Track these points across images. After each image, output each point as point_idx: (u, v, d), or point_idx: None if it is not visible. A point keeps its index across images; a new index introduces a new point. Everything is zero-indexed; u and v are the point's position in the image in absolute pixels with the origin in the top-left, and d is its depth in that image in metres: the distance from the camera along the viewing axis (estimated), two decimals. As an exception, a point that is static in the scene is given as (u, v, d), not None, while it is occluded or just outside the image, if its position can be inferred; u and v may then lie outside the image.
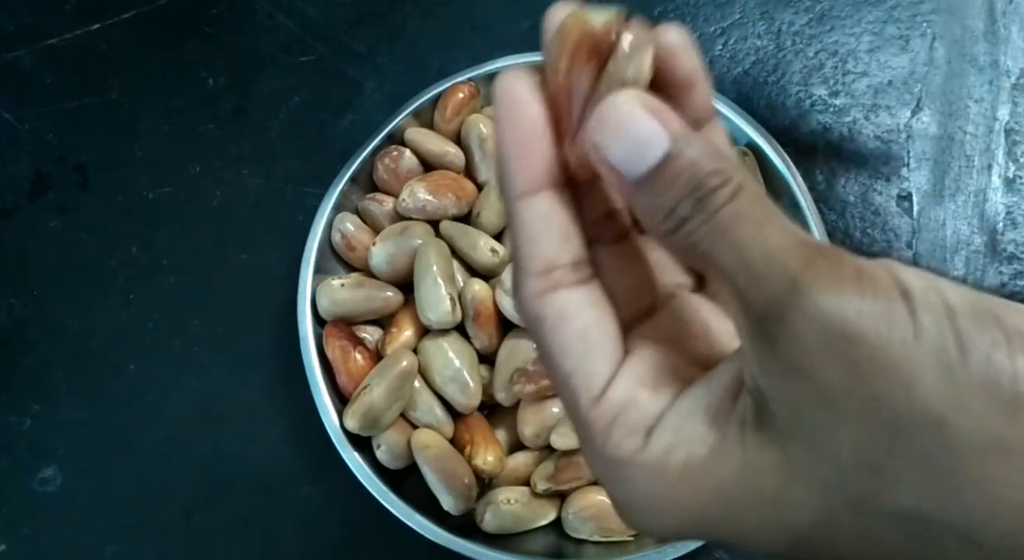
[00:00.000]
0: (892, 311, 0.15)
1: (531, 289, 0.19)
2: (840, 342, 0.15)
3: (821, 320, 0.15)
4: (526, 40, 0.51)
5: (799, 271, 0.15)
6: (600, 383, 0.18)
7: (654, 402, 0.18)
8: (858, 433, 0.15)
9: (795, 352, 0.15)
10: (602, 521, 0.37)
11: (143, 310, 0.46)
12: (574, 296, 0.19)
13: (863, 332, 0.15)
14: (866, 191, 0.47)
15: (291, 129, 0.49)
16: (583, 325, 0.19)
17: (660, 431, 0.17)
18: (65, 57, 0.51)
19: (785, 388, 0.16)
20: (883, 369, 0.15)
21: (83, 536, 0.42)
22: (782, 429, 0.16)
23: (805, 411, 0.16)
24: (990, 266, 0.46)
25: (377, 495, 0.37)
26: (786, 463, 0.16)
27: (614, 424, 0.18)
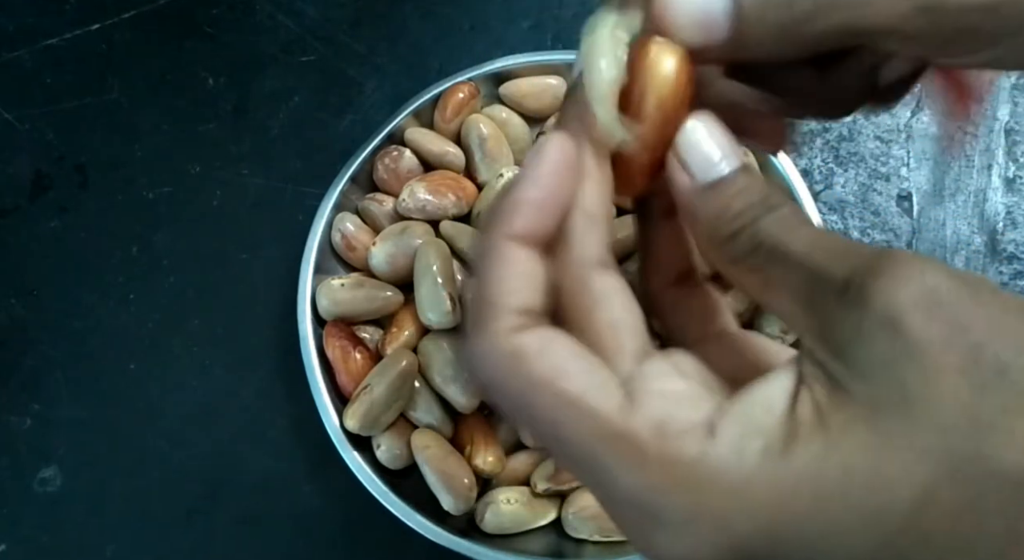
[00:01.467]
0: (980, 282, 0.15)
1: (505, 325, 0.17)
2: (940, 295, 0.15)
3: (915, 278, 0.15)
4: (526, 40, 0.51)
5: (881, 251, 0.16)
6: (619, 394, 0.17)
7: (702, 404, 0.16)
8: (963, 386, 0.14)
9: (890, 304, 0.15)
10: (602, 521, 0.37)
11: (143, 310, 0.46)
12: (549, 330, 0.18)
13: (961, 289, 0.15)
14: (866, 191, 0.47)
15: (291, 129, 0.49)
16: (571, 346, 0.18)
17: (726, 426, 0.16)
18: (65, 57, 0.51)
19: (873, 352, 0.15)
20: (986, 321, 0.14)
21: (83, 536, 0.42)
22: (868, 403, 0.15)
23: (898, 372, 0.15)
24: (990, 266, 0.46)
25: (377, 495, 0.37)
26: (877, 437, 0.15)
27: (666, 427, 0.16)
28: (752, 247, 0.18)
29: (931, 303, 0.15)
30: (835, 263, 0.16)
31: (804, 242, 0.17)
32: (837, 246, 0.17)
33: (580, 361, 0.17)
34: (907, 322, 0.14)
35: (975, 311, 0.14)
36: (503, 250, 0.18)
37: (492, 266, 0.18)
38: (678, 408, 0.16)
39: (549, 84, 0.46)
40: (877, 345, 0.15)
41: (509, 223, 0.18)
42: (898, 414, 0.14)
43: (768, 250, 0.17)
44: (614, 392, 0.17)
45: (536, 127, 0.46)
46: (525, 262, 0.18)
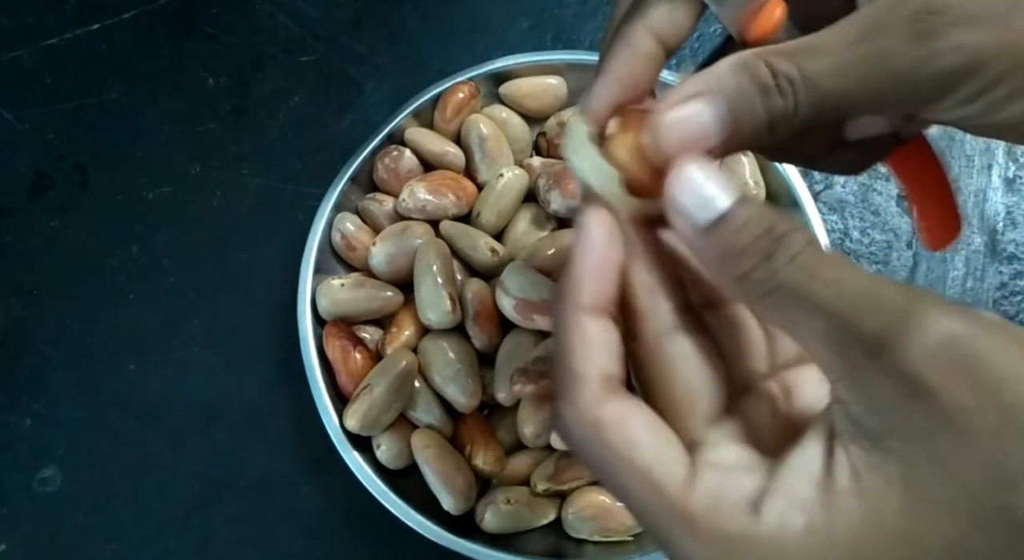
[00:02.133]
0: (1006, 334, 0.15)
1: (589, 396, 0.19)
2: (968, 358, 0.15)
3: (947, 336, 0.15)
4: (526, 40, 0.51)
5: (908, 299, 0.16)
6: (682, 468, 0.18)
7: (752, 476, 0.18)
8: (993, 446, 0.15)
9: (920, 370, 0.15)
10: (602, 521, 0.37)
11: (143, 310, 0.46)
12: (628, 399, 0.19)
13: (988, 348, 0.15)
14: (866, 191, 0.47)
15: (291, 129, 0.49)
16: (646, 418, 0.19)
17: (770, 501, 0.17)
18: (65, 57, 0.51)
19: (904, 413, 0.16)
20: (1012, 379, 0.15)
21: (83, 536, 0.42)
22: (901, 460, 0.16)
23: (929, 432, 0.15)
24: (990, 266, 0.46)
25: (377, 495, 0.37)
26: (909, 494, 0.16)
27: (720, 504, 0.17)
28: (770, 289, 0.18)
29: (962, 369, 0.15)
30: (864, 317, 0.16)
31: (828, 291, 0.17)
32: (863, 293, 0.16)
33: (651, 436, 0.19)
34: (939, 388, 0.15)
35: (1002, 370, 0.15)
36: (577, 322, 0.20)
37: (570, 338, 0.20)
38: (730, 483, 0.18)
39: (549, 84, 0.46)
40: (911, 408, 0.16)
41: (577, 297, 0.20)
42: (931, 477, 0.15)
43: (790, 295, 0.17)
44: (678, 467, 0.18)
45: (536, 127, 0.46)
46: (599, 332, 0.20)
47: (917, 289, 0.16)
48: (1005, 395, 0.15)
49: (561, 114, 0.45)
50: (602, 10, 0.52)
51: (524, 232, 0.43)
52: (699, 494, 0.18)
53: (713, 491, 0.18)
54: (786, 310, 0.18)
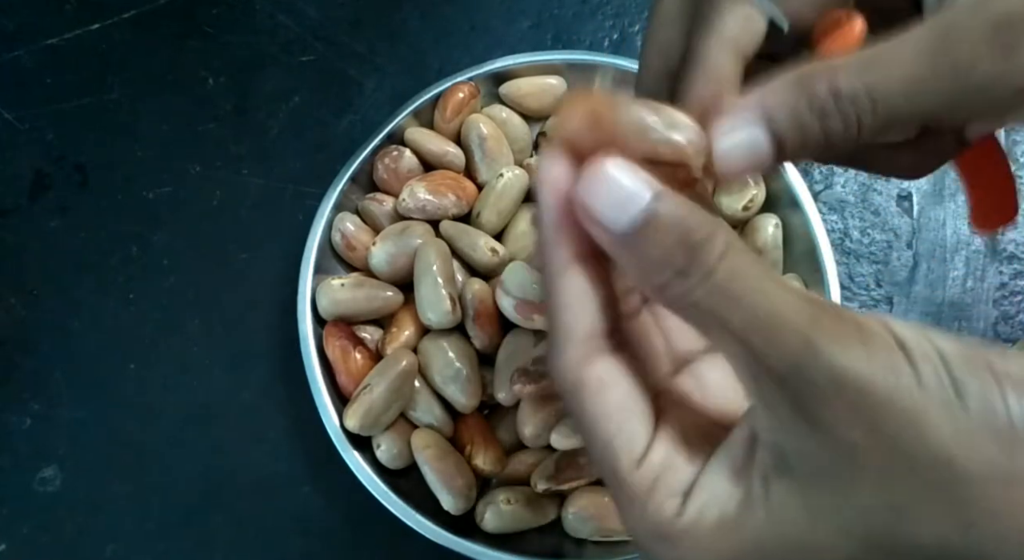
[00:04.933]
0: (895, 363, 0.16)
1: (573, 356, 0.20)
2: (855, 395, 0.16)
3: (838, 378, 0.16)
4: (526, 40, 0.51)
5: (809, 330, 0.16)
6: (640, 446, 0.19)
7: (689, 465, 0.19)
8: (879, 477, 0.16)
9: (815, 408, 0.16)
10: (602, 521, 0.37)
11: (143, 310, 0.46)
12: (611, 363, 0.20)
13: (875, 385, 0.16)
14: (866, 191, 0.47)
15: (291, 129, 0.49)
16: (623, 391, 0.20)
17: (696, 492, 0.19)
18: (65, 57, 0.51)
19: (804, 441, 0.17)
20: (895, 417, 0.16)
21: (83, 536, 0.42)
22: (803, 479, 0.17)
23: (825, 461, 0.17)
24: (990, 266, 0.46)
25: (377, 495, 0.37)
26: (809, 510, 0.17)
27: (655, 487, 0.19)
28: (686, 306, 0.18)
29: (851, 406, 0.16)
30: (770, 351, 0.17)
31: (738, 316, 0.17)
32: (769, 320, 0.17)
33: (620, 410, 0.19)
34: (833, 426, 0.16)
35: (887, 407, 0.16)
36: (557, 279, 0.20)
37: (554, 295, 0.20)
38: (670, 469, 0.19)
39: (549, 84, 0.46)
40: (811, 439, 0.17)
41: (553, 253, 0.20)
42: (828, 496, 0.17)
43: (705, 315, 0.18)
44: (636, 444, 0.19)
45: (536, 126, 0.46)
46: (583, 286, 0.20)
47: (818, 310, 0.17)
48: (887, 431, 0.16)
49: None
50: (602, 10, 0.52)
51: (524, 232, 0.43)
52: (643, 474, 0.19)
53: (655, 473, 0.19)
54: (704, 328, 0.18)
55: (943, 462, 0.16)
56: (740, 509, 0.18)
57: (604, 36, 0.51)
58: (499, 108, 0.46)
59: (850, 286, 0.46)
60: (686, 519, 0.18)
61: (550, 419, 0.38)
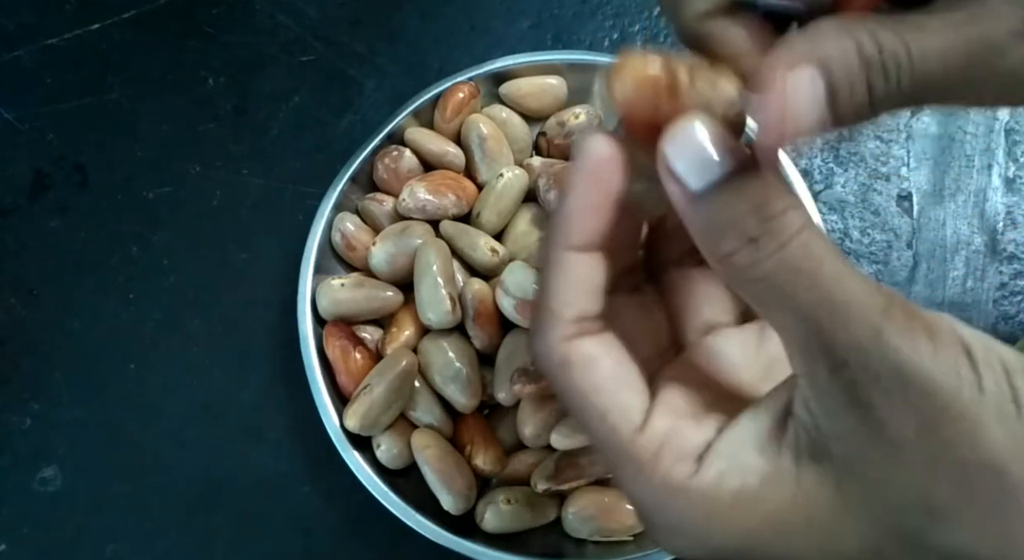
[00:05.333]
0: (959, 367, 0.16)
1: (559, 334, 0.20)
2: (916, 393, 0.16)
3: (903, 371, 0.16)
4: (526, 40, 0.51)
5: (881, 320, 0.16)
6: (638, 414, 0.19)
7: (699, 431, 0.19)
8: (924, 475, 0.16)
9: (872, 397, 0.16)
10: (602, 521, 0.37)
11: (143, 310, 0.46)
12: (597, 341, 0.20)
13: (938, 385, 0.16)
14: (866, 191, 0.47)
15: (291, 129, 0.49)
16: (611, 364, 0.20)
17: (712, 458, 0.18)
18: (65, 57, 0.51)
19: (851, 428, 0.17)
20: (953, 419, 0.16)
21: (83, 536, 0.42)
22: (840, 466, 0.17)
23: (868, 452, 0.17)
24: (990, 266, 0.46)
25: (377, 495, 0.37)
26: (841, 497, 0.17)
27: (662, 451, 0.18)
28: (751, 278, 0.17)
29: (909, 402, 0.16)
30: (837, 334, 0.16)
31: (809, 294, 0.17)
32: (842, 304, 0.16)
33: (612, 381, 0.19)
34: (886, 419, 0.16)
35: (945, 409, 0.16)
36: (562, 261, 0.20)
37: (552, 276, 0.20)
38: (677, 433, 0.19)
39: (549, 84, 0.46)
40: (859, 429, 0.17)
41: (567, 235, 0.20)
42: (863, 486, 0.17)
43: (770, 288, 0.17)
44: (634, 413, 0.19)
45: (536, 127, 0.46)
46: (583, 269, 0.20)
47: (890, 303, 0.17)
48: (941, 431, 0.16)
49: (561, 114, 0.45)
50: (602, 10, 0.52)
51: (524, 232, 0.43)
52: (647, 439, 0.19)
53: (660, 439, 0.19)
54: (765, 301, 0.18)
55: (995, 471, 0.15)
56: (765, 483, 0.17)
57: (604, 36, 0.51)
58: (499, 108, 0.46)
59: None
60: (703, 481, 0.18)
61: (550, 419, 0.38)
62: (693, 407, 0.20)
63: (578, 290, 0.20)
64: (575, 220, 0.20)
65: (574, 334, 0.20)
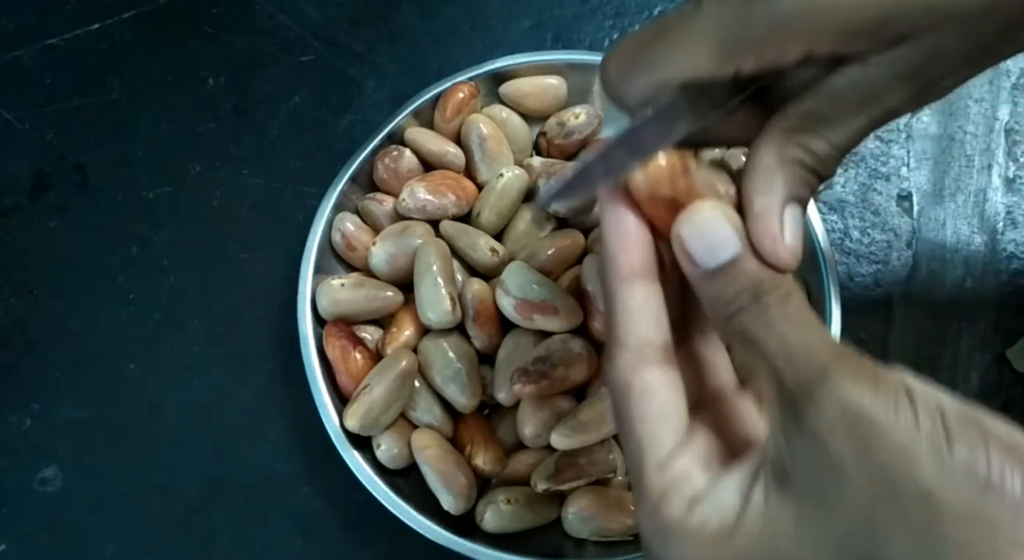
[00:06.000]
0: (899, 403, 0.18)
1: (626, 360, 0.22)
2: (856, 421, 0.18)
3: (843, 402, 0.18)
4: (526, 40, 0.51)
5: (830, 362, 0.19)
6: (665, 453, 0.22)
7: (703, 478, 0.21)
8: (863, 496, 0.18)
9: (817, 424, 0.19)
10: (602, 521, 0.37)
11: (143, 310, 0.46)
12: (659, 374, 0.22)
13: (875, 416, 0.18)
14: (866, 191, 0.47)
15: (291, 129, 0.49)
16: (663, 400, 0.22)
17: (703, 502, 0.21)
18: (65, 57, 0.51)
19: (805, 457, 0.19)
20: (888, 446, 0.18)
21: (83, 536, 0.42)
22: (798, 494, 0.19)
23: (820, 476, 0.19)
24: (990, 266, 0.46)
25: (377, 495, 0.37)
26: (799, 523, 0.19)
27: (669, 491, 0.21)
28: (739, 334, 0.21)
29: (848, 428, 0.18)
30: (789, 372, 0.20)
31: (774, 342, 0.20)
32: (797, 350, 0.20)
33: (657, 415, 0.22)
34: (829, 442, 0.19)
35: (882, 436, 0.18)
36: (618, 291, 0.22)
37: (612, 309, 0.22)
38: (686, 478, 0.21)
39: (549, 84, 0.46)
40: (809, 454, 0.19)
41: (615, 267, 0.23)
42: (816, 510, 0.19)
43: (750, 341, 0.21)
44: (662, 451, 0.22)
45: (536, 127, 0.46)
46: (640, 299, 0.22)
47: (844, 353, 0.19)
48: (877, 455, 0.18)
49: (561, 114, 0.45)
50: (602, 10, 0.52)
51: (524, 232, 0.43)
52: (663, 477, 0.21)
53: (673, 480, 0.21)
54: (748, 352, 0.21)
55: (924, 495, 0.17)
56: (738, 519, 0.20)
57: (604, 36, 0.51)
58: (499, 108, 0.46)
59: (850, 286, 0.46)
60: (691, 522, 0.20)
61: (550, 419, 0.38)
62: (710, 454, 0.22)
63: (637, 317, 0.22)
64: (616, 252, 0.22)
65: (638, 360, 0.22)
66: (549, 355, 0.38)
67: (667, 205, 0.22)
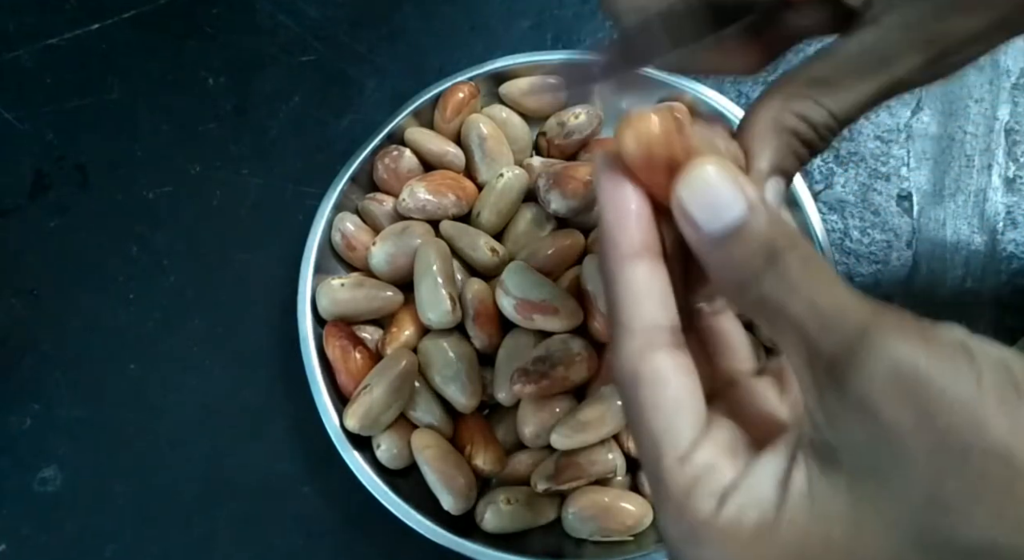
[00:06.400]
0: (956, 359, 0.16)
1: (632, 346, 0.20)
2: (911, 382, 0.16)
3: (893, 362, 0.16)
4: (526, 40, 0.51)
5: (870, 320, 0.17)
6: (685, 445, 0.19)
7: (731, 469, 0.19)
8: (928, 468, 0.16)
9: (866, 392, 0.16)
10: (602, 521, 0.37)
11: (143, 310, 0.46)
12: (670, 359, 0.20)
13: (932, 374, 0.16)
14: (866, 191, 0.47)
15: (291, 129, 0.49)
16: (677, 387, 0.20)
17: (735, 495, 0.18)
18: (65, 57, 0.51)
19: (854, 430, 0.17)
20: (952, 407, 0.16)
21: (83, 536, 0.42)
22: (850, 473, 0.17)
23: (874, 450, 0.16)
24: (990, 266, 0.46)
25: (377, 495, 0.37)
26: (855, 507, 0.17)
27: (695, 486, 0.19)
28: (758, 302, 0.19)
29: (903, 390, 0.16)
30: (824, 336, 0.17)
31: (801, 306, 0.18)
32: (830, 311, 0.17)
33: (672, 404, 0.20)
34: (882, 410, 0.16)
35: (943, 396, 0.16)
36: (620, 273, 0.20)
37: (614, 292, 0.20)
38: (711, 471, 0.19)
39: (549, 84, 0.46)
40: (859, 426, 0.17)
41: (615, 247, 0.20)
42: (874, 490, 0.17)
43: (771, 309, 0.18)
44: (682, 442, 0.19)
45: (536, 127, 0.46)
46: (644, 280, 0.20)
47: (882, 309, 0.17)
48: (940, 419, 0.16)
49: (561, 114, 0.45)
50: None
51: (524, 232, 0.43)
52: (685, 472, 0.19)
53: (697, 472, 0.19)
54: (769, 322, 0.19)
55: (1001, 455, 0.15)
56: (781, 513, 0.18)
57: (604, 36, 0.51)
58: (499, 108, 0.46)
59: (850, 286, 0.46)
60: (723, 520, 0.18)
61: (550, 419, 0.38)
62: (735, 443, 0.20)
63: (642, 298, 0.20)
64: (617, 232, 0.20)
65: (646, 346, 0.20)
66: (549, 355, 0.38)
67: (665, 168, 0.20)
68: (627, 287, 0.20)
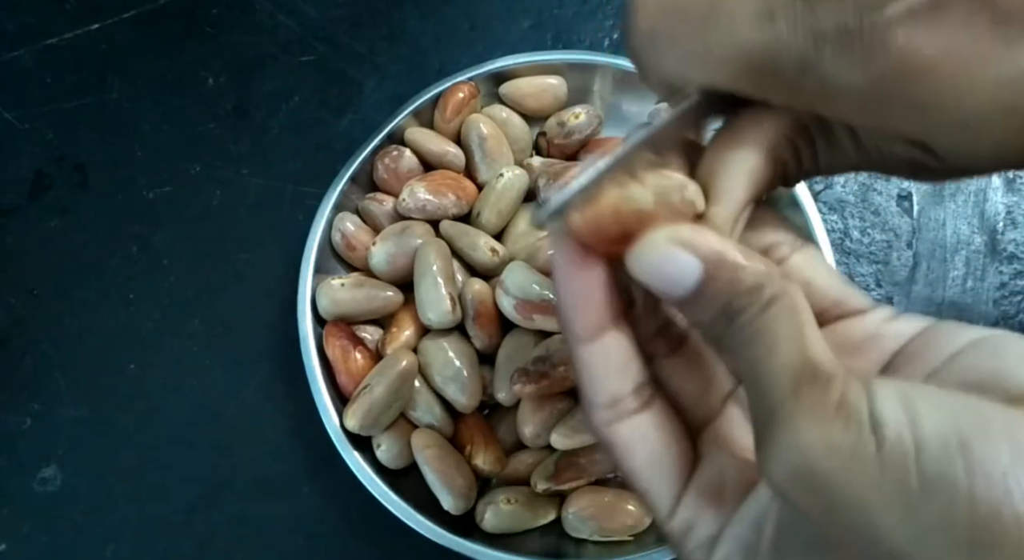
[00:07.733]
0: (860, 448, 0.15)
1: (599, 419, 0.21)
2: (809, 475, 0.16)
3: (797, 449, 0.16)
4: (526, 40, 0.51)
5: (787, 397, 0.16)
6: (667, 503, 0.21)
7: (716, 519, 0.20)
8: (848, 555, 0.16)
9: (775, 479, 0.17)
10: (602, 521, 0.37)
11: (143, 310, 0.46)
12: (638, 423, 0.21)
13: (830, 469, 0.15)
14: (866, 191, 0.47)
15: (291, 129, 0.49)
16: (646, 453, 0.21)
17: (720, 546, 0.20)
18: (65, 57, 0.51)
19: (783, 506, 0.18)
20: (849, 506, 0.15)
21: (83, 536, 0.42)
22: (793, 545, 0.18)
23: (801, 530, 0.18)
24: (990, 266, 0.46)
25: (377, 495, 0.37)
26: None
27: (685, 538, 0.20)
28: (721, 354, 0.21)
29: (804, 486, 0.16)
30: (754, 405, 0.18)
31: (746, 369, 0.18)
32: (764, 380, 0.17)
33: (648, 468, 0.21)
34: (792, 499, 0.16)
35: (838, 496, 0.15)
36: (578, 354, 0.21)
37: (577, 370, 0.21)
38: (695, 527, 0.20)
39: (549, 84, 0.46)
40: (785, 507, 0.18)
41: (571, 330, 0.21)
42: None
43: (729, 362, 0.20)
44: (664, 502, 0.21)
45: (536, 127, 0.46)
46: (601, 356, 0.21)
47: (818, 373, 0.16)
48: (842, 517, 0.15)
49: (561, 114, 0.45)
50: (602, 10, 0.52)
51: (524, 232, 0.43)
52: (673, 529, 0.21)
53: (685, 526, 0.20)
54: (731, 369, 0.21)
55: None
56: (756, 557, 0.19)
57: (604, 36, 0.51)
58: (499, 108, 0.46)
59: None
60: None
61: (550, 419, 0.38)
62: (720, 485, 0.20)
63: (602, 377, 0.21)
64: (571, 315, 0.20)
65: (612, 418, 0.21)
66: (549, 355, 0.38)
67: (619, 238, 0.19)
68: (586, 367, 0.21)
